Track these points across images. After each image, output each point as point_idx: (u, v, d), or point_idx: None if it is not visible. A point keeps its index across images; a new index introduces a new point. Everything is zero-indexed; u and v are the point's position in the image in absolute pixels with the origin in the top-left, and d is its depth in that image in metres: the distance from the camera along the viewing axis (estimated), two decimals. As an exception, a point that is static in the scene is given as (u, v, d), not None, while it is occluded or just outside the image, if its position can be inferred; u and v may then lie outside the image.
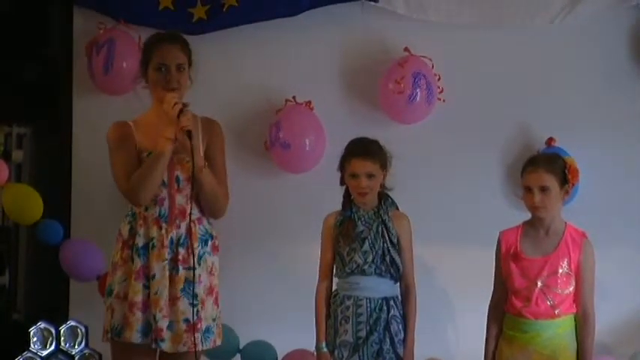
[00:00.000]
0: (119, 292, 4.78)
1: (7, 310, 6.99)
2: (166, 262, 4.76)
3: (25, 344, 6.19)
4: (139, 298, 4.73)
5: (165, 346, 4.75)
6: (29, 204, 6.17)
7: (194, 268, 4.80)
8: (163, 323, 4.73)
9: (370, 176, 5.13)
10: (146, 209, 4.79)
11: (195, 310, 4.79)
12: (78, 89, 6.56)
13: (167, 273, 4.76)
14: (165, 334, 4.75)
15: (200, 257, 4.85)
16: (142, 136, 4.81)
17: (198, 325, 4.81)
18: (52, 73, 6.75)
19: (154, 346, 4.74)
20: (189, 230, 4.83)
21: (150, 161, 4.76)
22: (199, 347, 4.83)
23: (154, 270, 4.75)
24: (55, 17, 6.73)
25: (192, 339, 4.77)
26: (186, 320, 4.78)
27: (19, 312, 7.00)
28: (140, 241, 4.78)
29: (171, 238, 4.79)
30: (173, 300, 4.76)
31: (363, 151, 5.15)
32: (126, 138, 4.79)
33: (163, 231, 4.78)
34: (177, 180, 4.83)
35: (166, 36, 4.93)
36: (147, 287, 4.75)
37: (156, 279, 4.74)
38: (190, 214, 4.82)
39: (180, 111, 4.72)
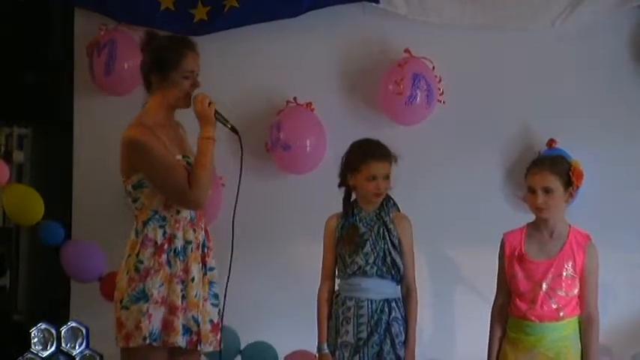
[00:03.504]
0: (157, 297, 4.72)
1: (8, 310, 7.00)
2: (200, 264, 4.77)
3: (26, 345, 6.21)
4: (179, 301, 4.73)
5: (202, 347, 4.77)
6: (30, 205, 6.18)
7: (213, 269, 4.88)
8: (203, 325, 4.76)
9: (387, 177, 5.15)
10: (177, 212, 4.78)
11: (217, 309, 4.84)
12: (79, 90, 6.57)
13: (201, 274, 4.77)
14: (204, 336, 4.77)
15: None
16: (165, 138, 4.78)
17: (220, 325, 4.86)
18: (53, 74, 6.77)
19: (199, 348, 4.76)
20: (206, 231, 4.86)
21: (204, 165, 4.73)
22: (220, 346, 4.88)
23: (193, 273, 4.75)
24: (56, 18, 6.75)
25: (218, 338, 4.82)
26: (211, 320, 4.82)
27: (20, 313, 7.01)
28: (179, 244, 4.77)
29: (199, 240, 4.81)
30: (203, 301, 4.78)
31: (383, 152, 5.16)
32: (164, 143, 4.75)
33: (197, 233, 4.80)
34: None
35: (192, 43, 4.90)
36: (182, 290, 4.75)
37: (195, 281, 4.75)
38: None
39: (216, 110, 4.77)
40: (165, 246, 4.74)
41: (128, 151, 4.75)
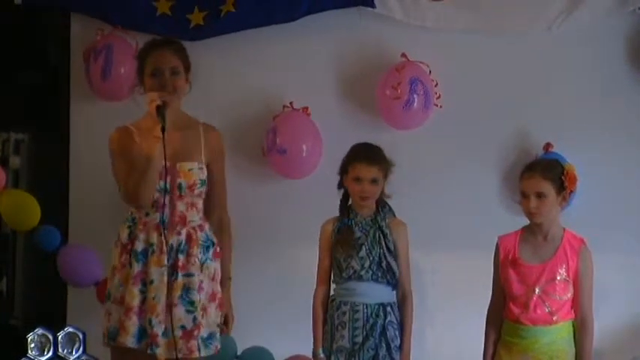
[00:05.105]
0: (117, 296, 4.79)
1: (4, 316, 6.99)
2: (165, 268, 4.76)
3: (23, 350, 6.19)
4: (135, 302, 4.74)
5: (160, 352, 4.75)
6: (27, 210, 6.17)
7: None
8: (159, 329, 4.74)
9: (373, 182, 5.16)
10: (147, 215, 4.79)
11: (192, 316, 4.79)
12: (76, 95, 6.56)
13: (165, 279, 4.76)
14: (160, 340, 4.75)
15: (202, 264, 4.86)
16: (145, 140, 4.80)
17: (195, 332, 4.80)
18: (50, 79, 6.76)
19: (149, 351, 4.75)
20: (189, 237, 4.83)
21: (142, 164, 4.76)
22: (198, 354, 4.83)
23: (152, 275, 4.76)
24: (52, 23, 6.74)
25: (189, 346, 4.78)
26: (183, 327, 4.78)
27: (16, 318, 7.01)
28: (139, 246, 4.78)
29: (171, 244, 4.79)
30: (170, 306, 4.76)
31: (370, 156, 5.18)
32: (128, 145, 4.77)
33: (163, 237, 4.78)
34: (180, 187, 4.83)
35: (159, 41, 4.95)
36: (143, 292, 4.75)
37: (153, 284, 4.75)
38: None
39: (157, 108, 4.72)
40: (129, 247, 4.81)
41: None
